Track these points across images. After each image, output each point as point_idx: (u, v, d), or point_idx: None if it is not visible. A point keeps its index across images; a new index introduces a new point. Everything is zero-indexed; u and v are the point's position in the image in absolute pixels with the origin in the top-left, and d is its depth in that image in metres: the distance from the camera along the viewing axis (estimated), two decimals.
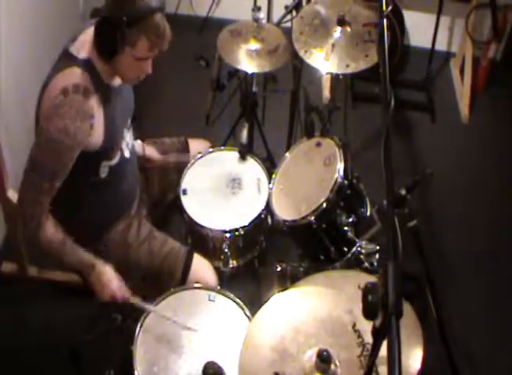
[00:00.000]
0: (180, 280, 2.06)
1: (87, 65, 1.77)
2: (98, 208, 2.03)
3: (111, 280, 1.91)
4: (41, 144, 1.76)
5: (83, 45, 1.79)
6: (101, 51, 1.76)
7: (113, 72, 1.83)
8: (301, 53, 2.32)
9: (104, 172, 1.94)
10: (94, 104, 1.77)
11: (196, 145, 2.44)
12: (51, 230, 1.84)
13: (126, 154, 2.01)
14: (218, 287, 2.02)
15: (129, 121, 2.04)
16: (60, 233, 1.85)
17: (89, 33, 1.80)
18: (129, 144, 2.05)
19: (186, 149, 2.42)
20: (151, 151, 2.34)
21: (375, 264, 2.10)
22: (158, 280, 2.06)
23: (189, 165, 2.36)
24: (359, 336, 1.48)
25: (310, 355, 1.48)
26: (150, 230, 2.15)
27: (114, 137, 1.89)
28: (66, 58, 1.79)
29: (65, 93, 1.72)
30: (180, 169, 2.35)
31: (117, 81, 1.89)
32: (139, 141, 2.29)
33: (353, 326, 1.50)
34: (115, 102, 1.87)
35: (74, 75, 1.75)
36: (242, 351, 1.53)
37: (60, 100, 1.72)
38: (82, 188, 1.93)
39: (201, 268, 2.12)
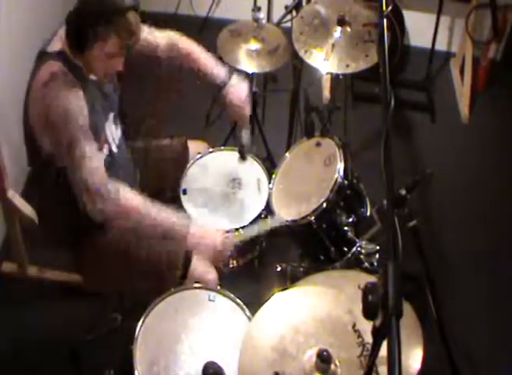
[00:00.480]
0: (181, 275, 2.06)
1: (59, 55, 1.79)
2: None
3: (213, 233, 1.95)
4: (54, 132, 1.76)
5: (57, 41, 1.81)
6: (72, 44, 1.77)
7: (84, 65, 1.83)
8: (301, 53, 2.32)
9: None
10: (75, 83, 1.78)
11: (195, 147, 2.44)
12: (130, 192, 1.84)
13: (114, 148, 2.01)
14: (219, 287, 2.02)
15: (112, 117, 2.03)
16: (140, 196, 1.86)
17: (63, 31, 1.82)
18: (116, 139, 2.05)
19: (185, 150, 2.42)
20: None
21: (375, 264, 2.11)
22: (159, 276, 2.05)
23: (189, 165, 2.36)
24: (359, 336, 1.48)
25: (310, 355, 1.48)
26: None
27: (96, 123, 1.88)
28: (41, 58, 1.81)
29: (46, 85, 1.74)
30: (178, 167, 2.35)
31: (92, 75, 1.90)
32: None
33: (353, 326, 1.50)
34: (94, 93, 1.88)
35: (49, 67, 1.77)
36: (242, 351, 1.53)
37: (45, 91, 1.74)
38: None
39: (201, 267, 2.12)
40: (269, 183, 2.30)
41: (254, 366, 1.50)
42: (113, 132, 2.04)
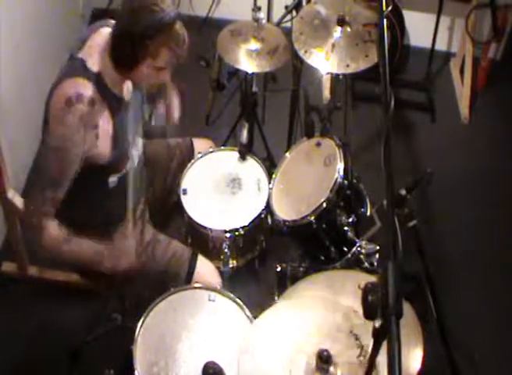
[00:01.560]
0: (184, 282, 2.06)
1: (95, 78, 1.75)
2: (104, 211, 2.02)
3: (127, 246, 1.94)
4: (46, 150, 1.76)
5: (92, 54, 1.77)
6: (119, 63, 1.74)
7: (126, 81, 1.82)
8: (301, 53, 2.32)
9: (112, 182, 1.95)
10: (101, 114, 1.76)
11: (200, 145, 2.45)
12: (55, 232, 1.83)
13: (135, 162, 2.00)
14: (219, 287, 2.02)
15: (140, 128, 2.02)
16: (64, 232, 1.84)
17: (97, 40, 1.79)
18: (139, 150, 2.04)
19: (191, 149, 2.42)
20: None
21: (375, 264, 2.10)
22: (163, 284, 2.05)
23: (189, 165, 2.36)
24: (356, 339, 1.49)
25: (310, 355, 1.48)
26: (153, 233, 2.15)
27: (123, 148, 1.88)
28: (76, 66, 1.76)
29: (68, 103, 1.70)
30: (185, 166, 2.35)
31: (126, 91, 1.88)
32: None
33: (351, 331, 1.50)
34: (124, 113, 1.86)
35: (80, 85, 1.73)
36: (241, 351, 1.53)
37: (64, 109, 1.71)
38: (90, 195, 1.93)
39: (205, 270, 2.12)
40: (269, 183, 2.30)
41: (253, 365, 1.50)
42: (139, 145, 2.03)
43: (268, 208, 2.25)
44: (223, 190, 2.33)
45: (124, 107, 1.87)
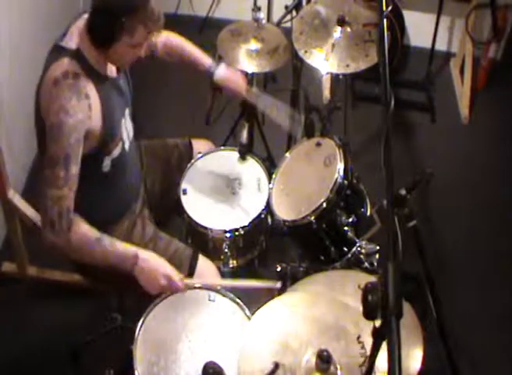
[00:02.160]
0: (186, 275, 2.06)
1: (75, 54, 1.79)
2: (102, 204, 2.02)
3: (157, 274, 1.83)
4: (47, 136, 1.75)
5: (72, 36, 1.81)
6: (96, 40, 1.76)
7: (104, 59, 1.84)
8: (301, 53, 2.32)
9: (106, 166, 1.93)
10: (87, 86, 1.77)
11: (199, 145, 2.45)
12: (85, 226, 1.80)
13: (126, 145, 2.01)
14: (219, 287, 2.02)
15: (127, 112, 2.03)
16: (94, 230, 1.81)
17: (78, 25, 1.82)
18: (130, 135, 2.05)
19: (189, 150, 2.42)
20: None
21: (375, 264, 2.10)
22: None
23: (189, 165, 2.36)
24: (362, 347, 1.48)
25: (311, 354, 1.48)
26: (154, 230, 2.15)
27: (112, 124, 1.88)
28: (55, 52, 1.81)
29: (56, 83, 1.73)
30: (183, 166, 2.35)
31: (110, 70, 1.90)
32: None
33: (358, 337, 1.50)
34: (110, 91, 1.88)
35: (62, 64, 1.76)
36: (245, 338, 1.53)
37: (53, 90, 1.74)
38: (85, 183, 1.90)
39: (206, 269, 2.12)
40: (269, 183, 2.30)
41: (255, 353, 1.50)
42: (128, 128, 2.03)
43: (268, 208, 2.25)
44: (223, 190, 2.33)
45: (109, 85, 1.88)
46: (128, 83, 2.05)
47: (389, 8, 1.54)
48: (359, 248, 2.11)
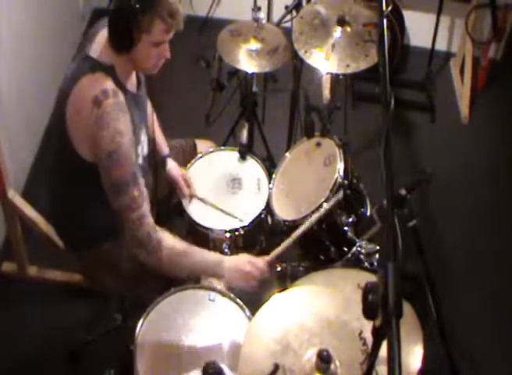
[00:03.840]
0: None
1: (111, 71, 1.74)
2: (112, 213, 2.01)
3: (244, 266, 1.88)
4: (104, 163, 1.71)
5: (102, 48, 1.76)
6: (118, 45, 1.71)
7: (130, 68, 1.80)
8: (301, 53, 2.32)
9: None
10: (124, 105, 1.74)
11: (203, 146, 2.45)
12: (170, 238, 1.82)
13: (140, 160, 1.96)
14: (219, 287, 2.02)
15: (145, 124, 2.00)
16: (179, 241, 1.83)
17: (103, 34, 1.77)
18: (144, 149, 2.01)
19: (194, 150, 2.42)
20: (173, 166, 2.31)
21: (375, 264, 2.10)
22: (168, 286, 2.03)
23: (189, 165, 2.36)
24: (364, 344, 1.48)
25: (311, 354, 1.48)
26: None
27: (137, 138, 1.86)
28: (88, 63, 1.75)
29: (97, 103, 1.68)
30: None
31: (133, 86, 1.87)
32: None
33: (360, 333, 1.49)
34: (135, 108, 1.85)
35: (99, 81, 1.71)
36: (245, 338, 1.53)
37: (96, 113, 1.68)
38: (97, 195, 1.89)
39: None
40: (269, 183, 2.30)
41: (255, 353, 1.50)
42: (144, 143, 1.99)
43: (268, 208, 2.25)
44: (223, 190, 2.33)
45: (134, 102, 1.85)
46: (147, 99, 2.02)
47: (389, 8, 1.54)
48: (359, 248, 2.11)
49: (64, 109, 1.75)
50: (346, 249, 2.13)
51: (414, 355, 1.66)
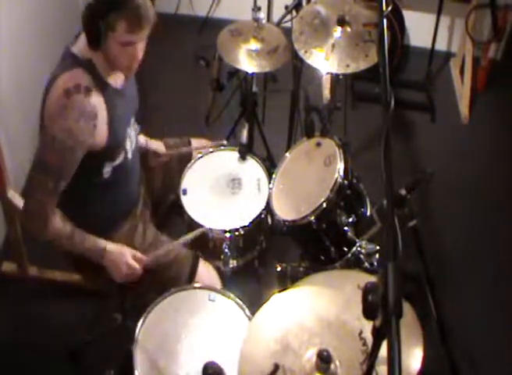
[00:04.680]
0: (187, 279, 2.06)
1: (88, 65, 1.79)
2: (102, 208, 2.03)
3: (121, 264, 1.93)
4: (46, 144, 1.78)
5: (83, 44, 1.80)
6: (89, 41, 1.76)
7: (109, 65, 1.83)
8: (301, 53, 2.32)
9: (107, 173, 1.94)
10: (97, 103, 1.78)
11: (198, 144, 2.45)
12: (59, 225, 1.85)
13: (129, 154, 2.01)
14: (219, 287, 2.02)
15: (133, 120, 2.04)
16: (67, 227, 1.87)
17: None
18: (133, 143, 2.04)
19: (189, 149, 2.42)
20: (157, 145, 2.35)
21: (375, 264, 2.10)
22: (164, 285, 2.04)
23: (189, 165, 2.36)
24: (364, 344, 1.48)
25: (311, 354, 1.48)
26: (155, 234, 2.15)
27: (117, 137, 1.89)
28: (69, 59, 1.80)
29: (67, 94, 1.74)
30: (183, 166, 2.35)
31: (119, 81, 1.90)
32: (142, 137, 2.29)
33: (360, 333, 1.49)
34: (118, 102, 1.87)
35: (75, 75, 1.76)
36: (245, 338, 1.53)
37: (63, 101, 1.74)
38: (85, 188, 1.94)
39: (206, 274, 2.12)
40: (269, 183, 2.30)
41: (255, 353, 1.50)
42: (132, 138, 2.03)
43: (268, 208, 2.25)
44: (223, 190, 2.33)
45: (117, 96, 1.88)
46: (136, 90, 2.05)
47: (389, 8, 1.54)
48: (359, 248, 2.11)
49: (44, 105, 1.80)
50: (346, 249, 2.13)
51: (413, 355, 1.66)
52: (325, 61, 2.29)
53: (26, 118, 2.92)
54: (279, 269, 2.45)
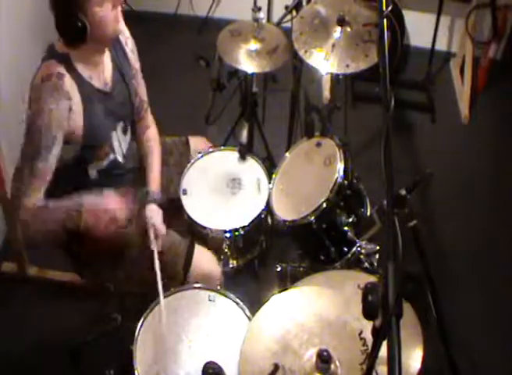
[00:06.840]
0: (183, 271, 2.06)
1: (63, 57, 1.85)
2: None
3: (103, 202, 1.86)
4: (27, 132, 1.84)
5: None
6: (66, 40, 1.83)
7: (89, 66, 1.88)
8: (301, 53, 2.32)
9: (92, 174, 1.97)
10: (70, 88, 1.82)
11: (196, 143, 2.45)
12: (29, 203, 1.86)
13: (120, 158, 2.01)
14: (219, 287, 2.02)
15: (121, 126, 2.04)
16: (41, 201, 1.85)
17: None
18: (124, 149, 2.05)
19: (187, 147, 2.42)
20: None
21: (375, 264, 2.11)
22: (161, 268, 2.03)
23: (189, 165, 2.36)
24: (364, 344, 1.48)
25: (311, 354, 1.48)
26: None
27: (95, 132, 1.90)
28: (49, 52, 1.88)
29: (42, 81, 1.80)
30: (181, 165, 2.35)
31: (102, 82, 1.93)
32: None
33: (360, 333, 1.50)
34: (96, 100, 1.90)
35: (50, 65, 1.83)
36: (246, 338, 1.53)
37: (38, 87, 1.80)
38: (74, 187, 1.94)
39: (203, 258, 2.12)
40: (269, 183, 2.30)
41: (255, 353, 1.50)
42: (121, 141, 2.04)
43: (268, 208, 2.25)
44: (223, 190, 2.33)
45: (98, 94, 1.91)
46: (129, 96, 2.05)
47: (389, 8, 1.55)
48: (359, 248, 2.11)
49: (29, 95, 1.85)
50: (346, 249, 2.13)
51: (413, 355, 1.66)
52: (325, 61, 2.29)
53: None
54: (279, 269, 2.44)
